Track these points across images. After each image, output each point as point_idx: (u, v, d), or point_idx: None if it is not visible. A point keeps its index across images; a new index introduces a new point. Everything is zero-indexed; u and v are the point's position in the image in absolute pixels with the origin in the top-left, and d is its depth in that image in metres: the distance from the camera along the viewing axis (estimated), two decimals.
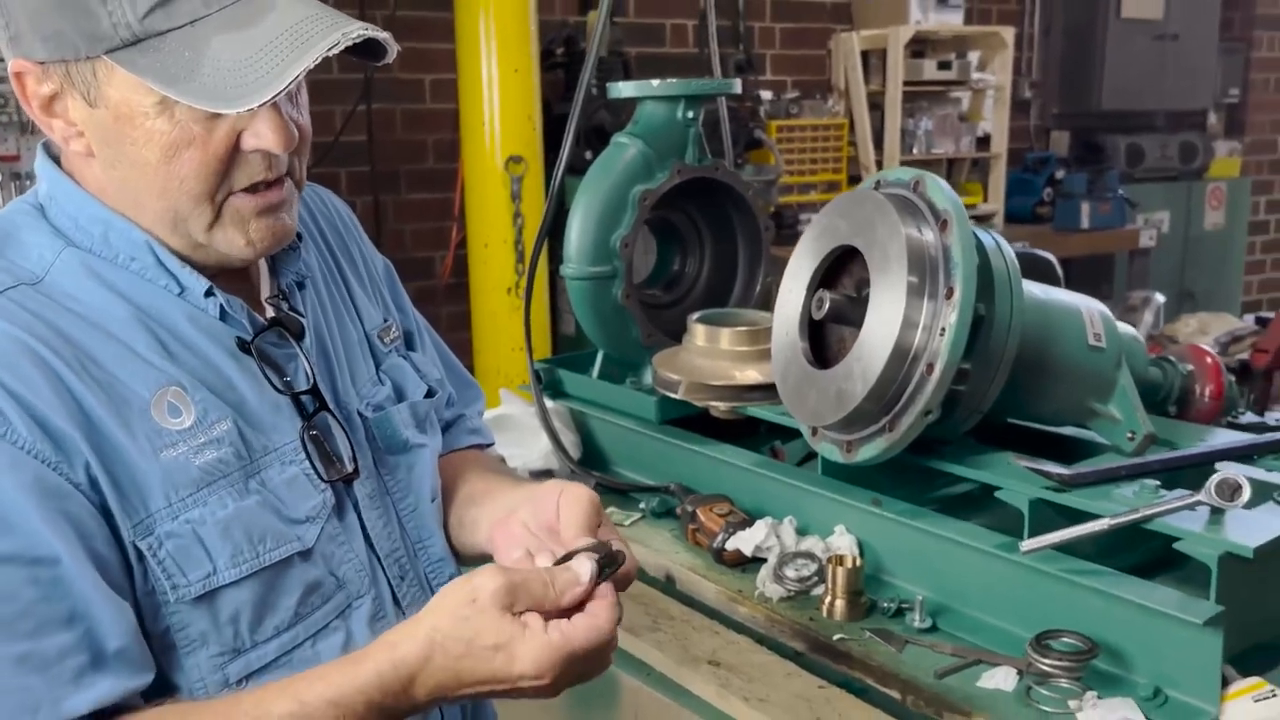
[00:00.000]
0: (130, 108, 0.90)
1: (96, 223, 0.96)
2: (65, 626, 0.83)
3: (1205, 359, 1.52)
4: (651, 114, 1.87)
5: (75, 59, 0.89)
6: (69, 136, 0.94)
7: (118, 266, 0.96)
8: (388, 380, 1.18)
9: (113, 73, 0.89)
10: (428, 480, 1.16)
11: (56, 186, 0.98)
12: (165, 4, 0.87)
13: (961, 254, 1.20)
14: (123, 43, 0.87)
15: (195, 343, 0.97)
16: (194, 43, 0.88)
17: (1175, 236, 6.18)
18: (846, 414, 1.26)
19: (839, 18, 5.61)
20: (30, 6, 0.89)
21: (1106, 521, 1.14)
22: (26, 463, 0.84)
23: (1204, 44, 6.16)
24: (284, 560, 0.97)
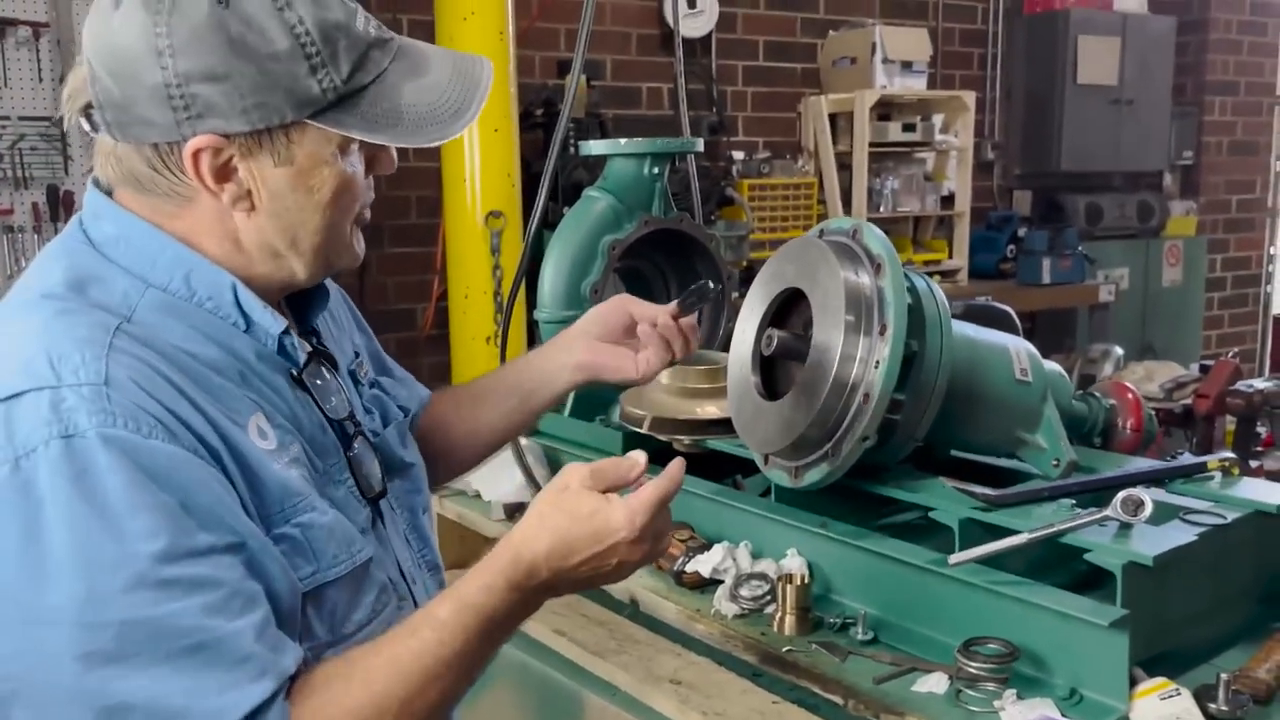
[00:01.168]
0: (314, 160, 0.99)
1: (179, 264, 1.00)
2: (263, 600, 0.91)
3: (1126, 394, 1.64)
4: (620, 170, 2.01)
5: (278, 125, 0.96)
6: (237, 198, 0.99)
7: (192, 305, 1.00)
8: (374, 409, 1.26)
9: (305, 132, 0.97)
10: (419, 495, 1.26)
11: (129, 228, 1.01)
12: (361, 65, 0.98)
13: (893, 294, 1.33)
14: (328, 104, 0.96)
15: (264, 374, 1.04)
16: (387, 94, 0.99)
17: (1135, 292, 6.38)
18: (793, 441, 1.38)
19: (808, 82, 5.82)
20: (229, 84, 0.93)
21: (1025, 536, 1.26)
22: (199, 464, 0.91)
23: (1157, 108, 6.41)
24: (365, 562, 1.06)
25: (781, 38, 5.73)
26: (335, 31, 0.96)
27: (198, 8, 0.92)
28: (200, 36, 0.92)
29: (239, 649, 0.87)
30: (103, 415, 0.86)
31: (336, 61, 0.96)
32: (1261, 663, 1.26)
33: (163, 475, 0.87)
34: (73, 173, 3.80)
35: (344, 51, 0.96)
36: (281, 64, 0.94)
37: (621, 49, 5.26)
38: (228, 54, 0.93)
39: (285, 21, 0.94)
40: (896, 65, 5.48)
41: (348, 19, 0.98)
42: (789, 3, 5.73)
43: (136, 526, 0.85)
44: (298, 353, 1.08)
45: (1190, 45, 6.78)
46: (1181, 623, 1.29)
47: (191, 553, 0.86)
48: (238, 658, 0.87)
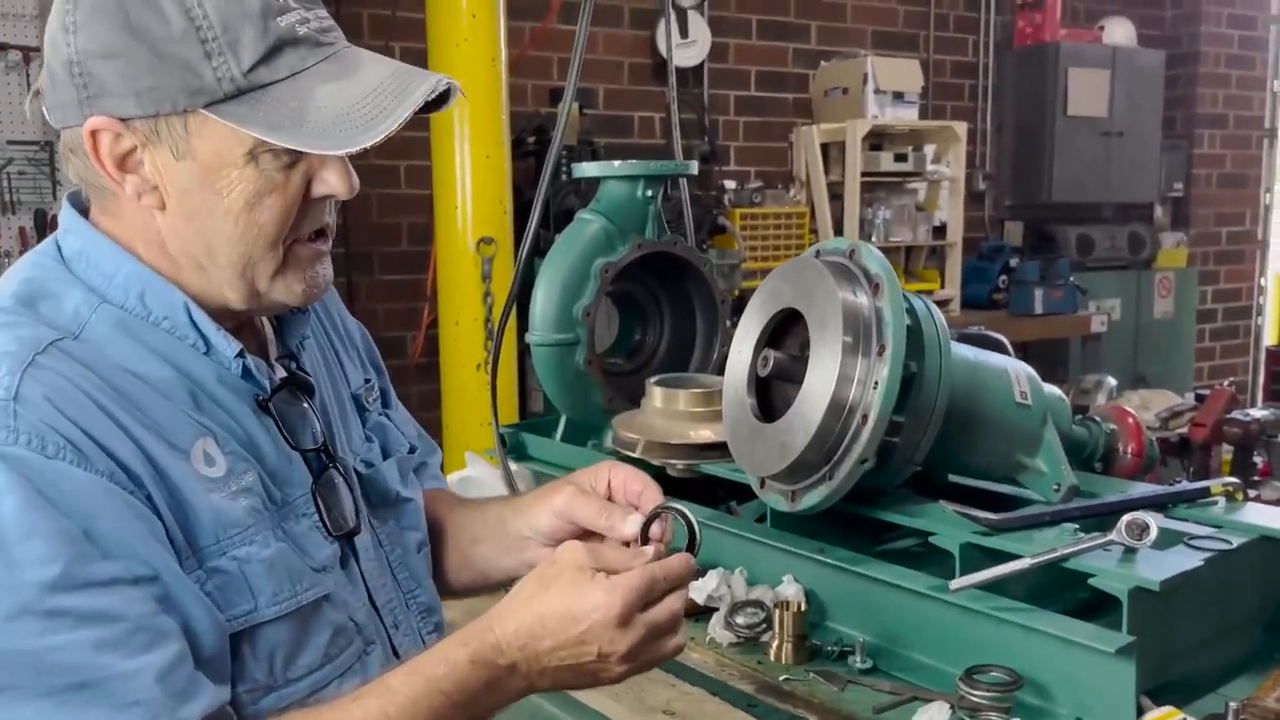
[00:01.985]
0: (219, 159, 0.93)
1: (134, 281, 0.98)
2: (174, 638, 0.86)
3: (1127, 419, 1.62)
4: (613, 192, 1.99)
5: (170, 113, 0.91)
6: (143, 191, 0.95)
7: (149, 324, 0.98)
8: (375, 438, 1.22)
9: (205, 125, 0.92)
10: (415, 532, 1.21)
11: (91, 244, 0.99)
12: (268, 59, 0.91)
13: (892, 314, 1.31)
14: (225, 96, 0.91)
15: (222, 399, 1.00)
16: (298, 93, 0.92)
17: (1127, 323, 6.39)
18: (789, 463, 1.35)
19: (800, 112, 5.85)
20: (123, 63, 0.90)
21: (1028, 560, 1.23)
22: (113, 490, 0.87)
23: (1147, 141, 6.45)
24: (315, 602, 1.00)
25: (773, 68, 5.76)
26: (240, 20, 0.91)
27: None
28: (100, 12, 0.90)
29: (130, 691, 0.82)
30: (4, 432, 0.84)
31: (237, 51, 0.91)
32: (1270, 691, 1.23)
33: (64, 499, 0.84)
34: (60, 197, 3.78)
35: (248, 42, 0.91)
36: (174, 47, 0.90)
37: (614, 78, 5.28)
38: (124, 32, 0.90)
39: (184, 4, 0.90)
40: (888, 96, 5.51)
41: (264, 12, 0.92)
42: (781, 33, 5.76)
43: (27, 552, 0.81)
44: (262, 378, 1.04)
45: (1179, 78, 6.84)
46: (1188, 650, 1.26)
47: (89, 583, 0.82)
48: (126, 701, 0.82)
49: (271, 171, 0.95)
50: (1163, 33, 6.97)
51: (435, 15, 3.68)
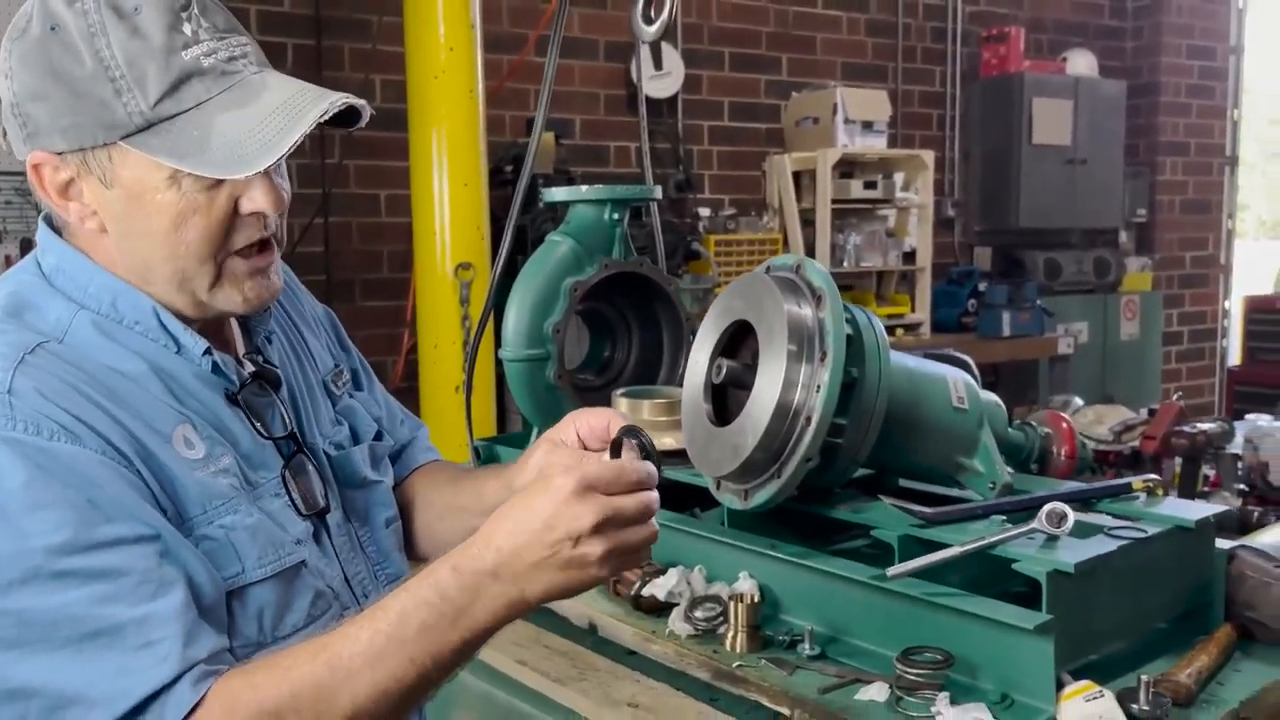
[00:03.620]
0: (142, 185, 1.01)
1: (105, 291, 1.06)
2: (178, 586, 0.94)
3: (1061, 423, 1.73)
4: (582, 215, 2.10)
5: (92, 146, 1.00)
6: (84, 216, 1.04)
7: (124, 328, 1.06)
8: (345, 421, 1.31)
9: (126, 156, 1.00)
10: (383, 510, 1.31)
11: (65, 259, 1.08)
12: (173, 92, 0.99)
13: (833, 324, 1.42)
14: (136, 128, 0.99)
15: (196, 392, 1.09)
16: (201, 122, 0.99)
17: (1094, 346, 6.54)
18: (741, 463, 1.45)
19: (772, 141, 5.99)
20: (49, 104, 0.99)
21: (958, 548, 1.33)
22: (107, 463, 0.95)
23: (1111, 168, 6.62)
24: (295, 566, 1.09)
25: (746, 99, 5.91)
26: (144, 58, 0.98)
27: (33, 33, 1.00)
28: (28, 59, 1.00)
29: (141, 635, 0.89)
30: (2, 420, 0.92)
31: (144, 87, 0.98)
32: (1184, 668, 1.33)
33: (64, 473, 0.91)
34: None
35: (153, 78, 0.98)
36: (89, 86, 0.98)
37: (590, 109, 5.41)
38: (46, 76, 0.98)
39: (94, 47, 0.98)
40: (857, 125, 5.65)
41: (168, 48, 0.99)
42: (753, 65, 5.92)
43: (35, 523, 0.88)
44: (230, 374, 1.13)
45: (1141, 107, 7.03)
46: (1107, 632, 1.36)
47: (95, 544, 0.90)
48: (139, 644, 0.89)
49: (193, 193, 1.02)
50: (1124, 64, 7.17)
51: (414, 48, 3.79)
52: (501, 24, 5.01)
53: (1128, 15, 7.23)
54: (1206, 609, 1.47)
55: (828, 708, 1.31)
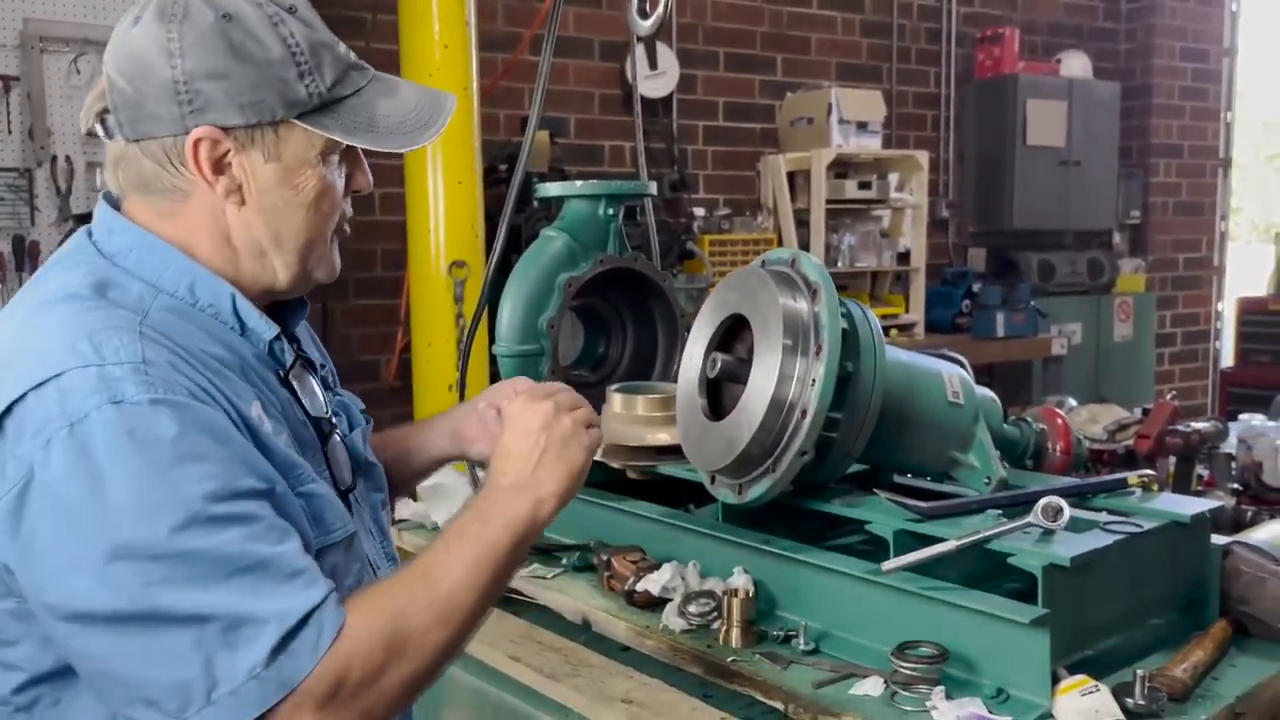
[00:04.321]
0: (299, 159, 1.12)
1: (184, 274, 1.12)
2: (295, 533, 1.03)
3: (1056, 419, 1.73)
4: (576, 211, 2.09)
5: (268, 122, 1.10)
6: (230, 190, 1.11)
7: (196, 310, 1.12)
8: (341, 413, 1.36)
9: (292, 132, 1.11)
10: (380, 493, 1.38)
11: (139, 240, 1.13)
12: (343, 78, 1.13)
13: (828, 318, 1.41)
14: (314, 107, 1.11)
15: (260, 371, 1.16)
16: (364, 106, 1.14)
17: (1088, 347, 6.55)
18: (736, 457, 1.45)
19: (767, 141, 5.99)
20: (229, 82, 1.07)
21: (953, 542, 1.32)
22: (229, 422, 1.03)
23: (1104, 170, 6.64)
24: (353, 535, 1.17)
25: (741, 99, 5.91)
26: (321, 48, 1.12)
27: (204, 18, 1.07)
28: (205, 41, 1.07)
29: (288, 565, 0.99)
30: (146, 387, 0.98)
31: (321, 72, 1.11)
32: (1179, 663, 1.33)
33: (207, 429, 0.99)
34: (39, 222, 3.83)
35: (328, 65, 1.11)
36: (275, 68, 1.08)
37: (584, 108, 5.40)
38: (229, 57, 1.07)
39: (279, 34, 1.09)
40: (852, 125, 5.66)
41: (333, 42, 1.14)
42: (748, 65, 5.92)
43: (186, 473, 0.96)
44: (285, 356, 1.20)
45: (1135, 109, 7.05)
46: (1103, 627, 1.36)
47: (237, 493, 0.98)
48: (289, 572, 0.99)
49: (335, 173, 1.16)
50: (1117, 65, 7.19)
51: (408, 46, 3.78)
52: (496, 22, 5.00)
53: (1121, 17, 7.25)
54: (1202, 604, 1.46)
55: (822, 703, 1.31)
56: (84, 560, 0.94)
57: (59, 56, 3.88)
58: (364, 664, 0.99)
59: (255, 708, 0.94)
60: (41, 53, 3.83)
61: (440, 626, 1.05)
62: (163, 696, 0.94)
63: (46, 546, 0.95)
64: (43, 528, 0.94)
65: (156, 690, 0.95)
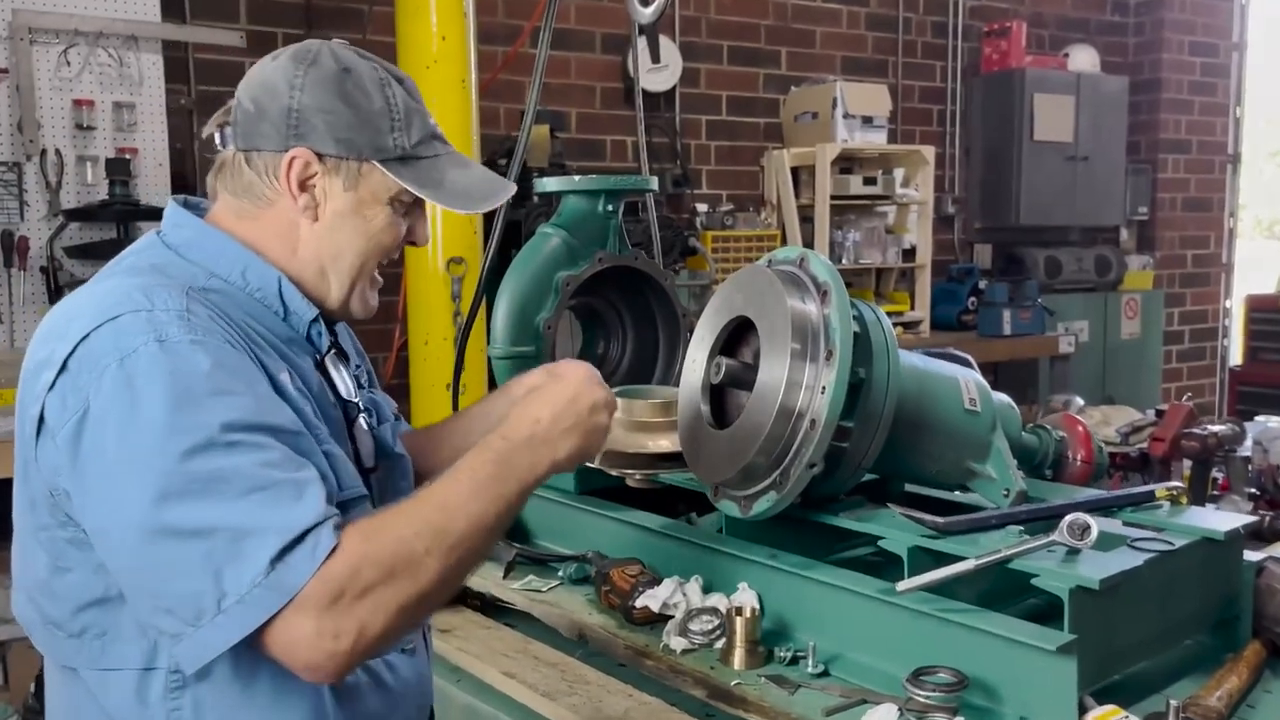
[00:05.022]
0: (374, 196, 1.26)
1: (238, 260, 1.26)
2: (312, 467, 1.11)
3: (1077, 427, 1.65)
4: (574, 207, 2.01)
5: (355, 158, 1.24)
6: (308, 206, 1.25)
7: (245, 294, 1.25)
8: (372, 409, 1.43)
9: (372, 173, 1.25)
10: (406, 481, 1.43)
11: (203, 233, 1.27)
12: (424, 141, 1.26)
13: (839, 321, 1.33)
14: (395, 157, 1.24)
15: (293, 352, 1.26)
16: (438, 168, 1.28)
17: (1095, 344, 6.47)
18: (741, 469, 1.37)
19: (771, 136, 5.90)
20: (333, 118, 1.22)
21: (972, 562, 1.24)
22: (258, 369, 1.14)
23: (1112, 165, 6.56)
24: (363, 498, 1.24)
25: (744, 93, 5.82)
26: (414, 114, 1.27)
27: (329, 67, 1.24)
28: (324, 84, 1.24)
29: (294, 491, 1.07)
30: (189, 330, 1.11)
31: (409, 131, 1.25)
32: (1213, 690, 1.25)
33: (240, 368, 1.12)
34: (29, 218, 3.76)
35: (416, 129, 1.26)
36: (372, 118, 1.24)
37: (586, 102, 5.32)
38: (338, 100, 1.23)
39: (385, 94, 1.25)
40: (857, 120, 5.57)
41: (425, 113, 1.29)
42: (752, 59, 5.83)
43: (215, 402, 1.07)
44: (322, 340, 1.30)
45: (1143, 104, 6.96)
46: (1132, 650, 1.28)
47: (260, 426, 1.08)
48: (294, 496, 1.07)
49: (397, 215, 1.29)
50: (1126, 60, 7.09)
51: (405, 38, 3.70)
52: (496, 15, 4.92)
53: (1130, 11, 7.15)
54: (1234, 624, 1.39)
55: None
56: (118, 476, 1.05)
57: (49, 48, 3.80)
58: (364, 577, 1.05)
59: (262, 613, 1.02)
60: (31, 44, 3.76)
61: (442, 556, 1.11)
62: (179, 606, 1.04)
63: (94, 467, 1.07)
64: (92, 451, 1.06)
65: (173, 600, 1.04)
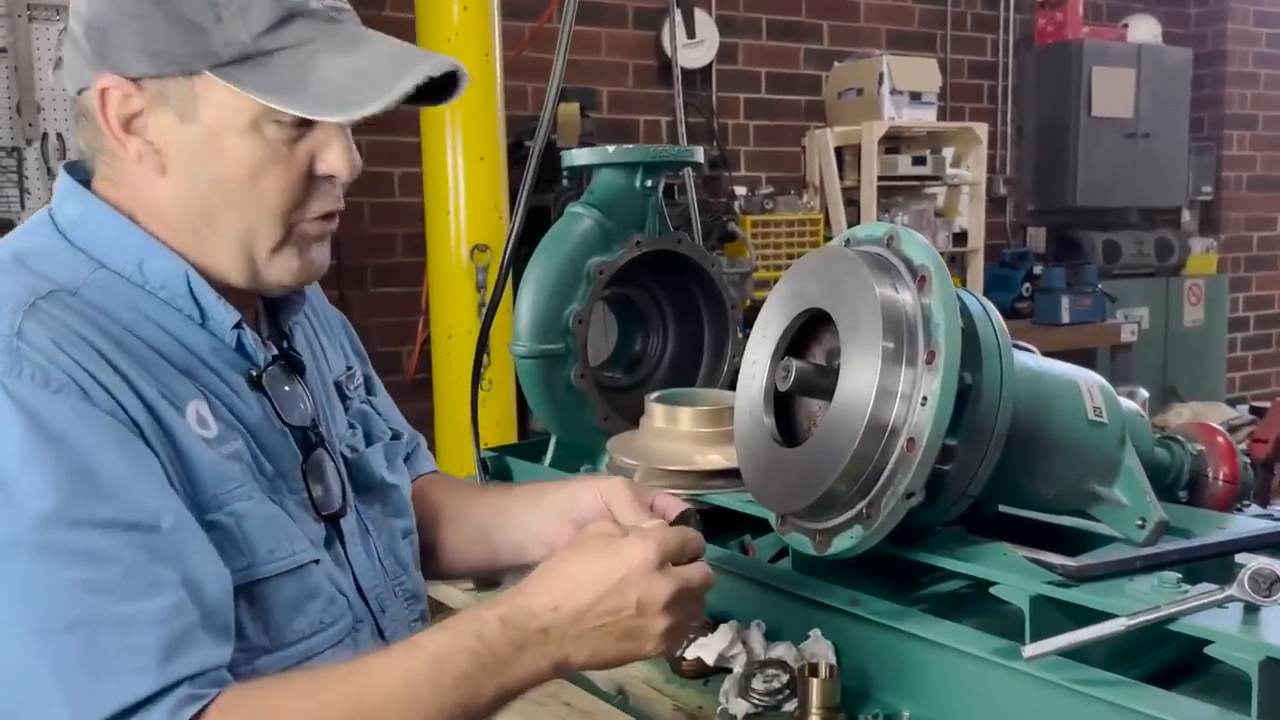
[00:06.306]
0: (223, 124, 0.94)
1: (134, 250, 0.98)
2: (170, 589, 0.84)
3: (1217, 438, 1.37)
4: (608, 183, 1.75)
5: (179, 73, 0.93)
6: (144, 154, 0.96)
7: (146, 292, 0.98)
8: (358, 425, 1.20)
9: (212, 89, 0.93)
10: (401, 520, 1.19)
11: (91, 210, 0.99)
12: (277, 27, 0.93)
13: (944, 313, 1.06)
14: (230, 59, 0.92)
15: (217, 369, 1.00)
16: (302, 61, 0.93)
17: (1156, 332, 6.14)
18: (816, 498, 1.10)
19: (813, 115, 5.63)
20: (139, 25, 0.92)
21: (1124, 621, 0.97)
22: (116, 427, 0.86)
23: (1175, 142, 6.21)
24: (308, 565, 1.00)
25: (785, 69, 5.54)
26: None
27: None
28: None
29: (123, 638, 0.81)
30: (8, 366, 0.85)
31: (247, 16, 0.92)
32: None
33: (67, 433, 0.84)
34: (29, 205, 3.57)
35: (259, 9, 0.93)
36: (188, 9, 0.92)
37: (618, 80, 5.07)
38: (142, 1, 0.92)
39: None
40: (905, 96, 5.28)
41: None
42: (792, 33, 5.55)
43: (26, 484, 0.81)
44: (257, 353, 1.04)
45: (1207, 78, 6.60)
46: None
47: (85, 521, 0.82)
48: (121, 646, 0.80)
49: (277, 143, 0.95)
50: (1188, 30, 6.73)
51: (425, 10, 3.46)
52: None
53: None
54: None
55: None
56: None
57: (49, 25, 3.60)
58: None
59: None
60: (30, 20, 3.56)
61: None
62: None
63: None
64: None
65: None
